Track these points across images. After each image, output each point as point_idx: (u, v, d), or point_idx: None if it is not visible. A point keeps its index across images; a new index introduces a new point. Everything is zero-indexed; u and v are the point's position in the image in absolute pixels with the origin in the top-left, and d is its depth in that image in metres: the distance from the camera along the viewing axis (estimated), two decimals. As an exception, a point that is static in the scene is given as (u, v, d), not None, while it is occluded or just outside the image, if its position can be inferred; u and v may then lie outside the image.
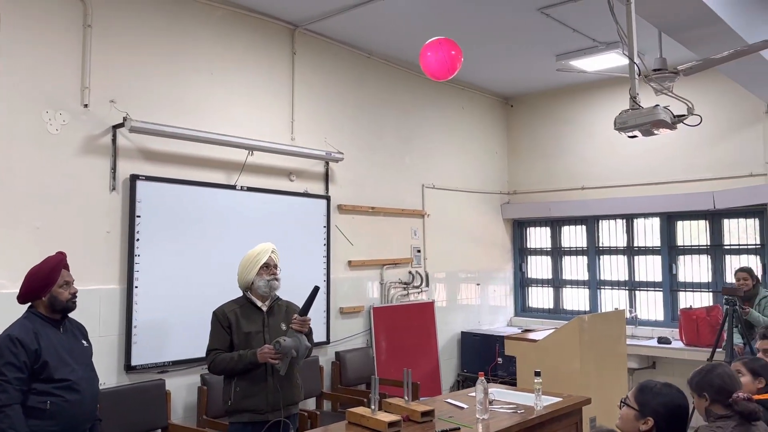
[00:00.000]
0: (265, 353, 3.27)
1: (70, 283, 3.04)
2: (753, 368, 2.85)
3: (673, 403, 2.25)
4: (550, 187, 7.48)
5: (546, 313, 7.64)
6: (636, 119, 3.16)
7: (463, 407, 3.59)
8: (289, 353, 3.25)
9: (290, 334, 3.30)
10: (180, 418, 4.39)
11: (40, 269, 2.99)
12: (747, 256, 6.31)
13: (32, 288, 2.96)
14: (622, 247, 7.10)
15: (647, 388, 2.31)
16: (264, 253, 3.47)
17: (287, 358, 3.26)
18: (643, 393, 2.30)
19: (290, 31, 5.42)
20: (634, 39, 3.35)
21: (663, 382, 2.34)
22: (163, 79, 4.51)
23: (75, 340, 3.07)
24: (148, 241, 4.28)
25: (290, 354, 3.25)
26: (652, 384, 2.32)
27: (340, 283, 5.66)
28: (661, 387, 2.30)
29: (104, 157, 4.18)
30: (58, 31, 4.01)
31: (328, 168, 5.64)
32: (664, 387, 2.31)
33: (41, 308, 2.97)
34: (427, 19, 5.29)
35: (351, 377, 5.51)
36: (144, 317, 4.22)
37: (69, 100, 4.03)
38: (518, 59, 6.37)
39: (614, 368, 5.10)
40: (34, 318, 2.94)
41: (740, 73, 5.09)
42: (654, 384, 2.32)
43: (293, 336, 3.29)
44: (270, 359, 3.26)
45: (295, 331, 3.31)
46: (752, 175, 6.08)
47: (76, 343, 3.05)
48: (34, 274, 2.98)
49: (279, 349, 3.22)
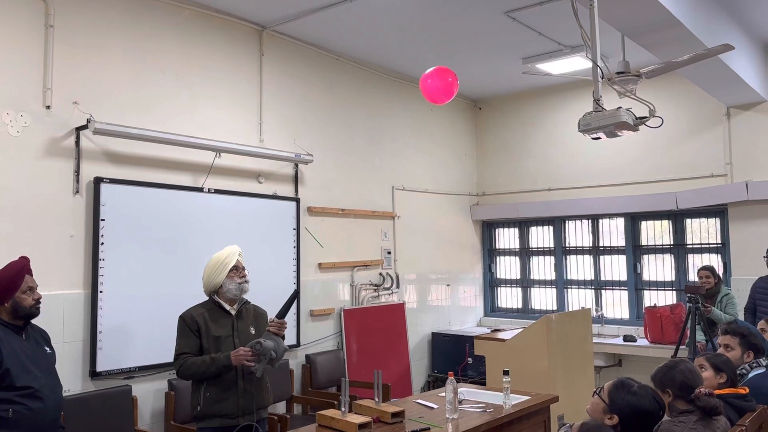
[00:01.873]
0: (240, 355, 3.22)
1: (33, 288, 2.98)
2: (715, 363, 2.92)
3: (640, 408, 2.24)
4: (518, 188, 7.57)
5: (515, 312, 7.72)
6: (599, 121, 3.22)
7: (433, 407, 3.61)
8: (269, 354, 3.21)
9: (267, 336, 3.28)
10: (147, 425, 4.32)
11: (2, 274, 2.92)
12: (709, 254, 6.47)
13: None
14: (588, 247, 7.21)
15: (623, 386, 2.30)
16: (232, 255, 3.44)
17: (265, 360, 3.22)
18: (617, 389, 2.30)
19: (258, 33, 5.39)
20: (597, 42, 3.41)
21: (642, 385, 2.32)
22: (127, 81, 4.44)
23: (38, 346, 3.01)
24: (113, 245, 4.20)
25: (269, 355, 3.21)
26: (630, 383, 2.31)
27: (310, 285, 5.64)
28: (637, 389, 2.29)
29: (67, 160, 4.09)
30: (19, 30, 3.92)
31: (297, 170, 5.62)
32: (640, 389, 2.29)
33: (3, 314, 2.90)
34: (396, 21, 5.31)
35: (322, 380, 5.49)
36: (109, 322, 4.15)
37: (30, 101, 3.95)
38: (486, 62, 6.44)
39: (581, 366, 5.18)
40: None
41: (700, 76, 5.23)
42: (631, 384, 2.31)
43: (270, 338, 3.27)
44: (245, 362, 3.22)
45: (272, 333, 3.29)
46: (713, 176, 6.24)
47: (38, 350, 2.99)
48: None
49: (259, 350, 3.18)
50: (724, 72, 4.98)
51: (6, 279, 2.91)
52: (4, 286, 2.89)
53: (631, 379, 2.35)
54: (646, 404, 2.25)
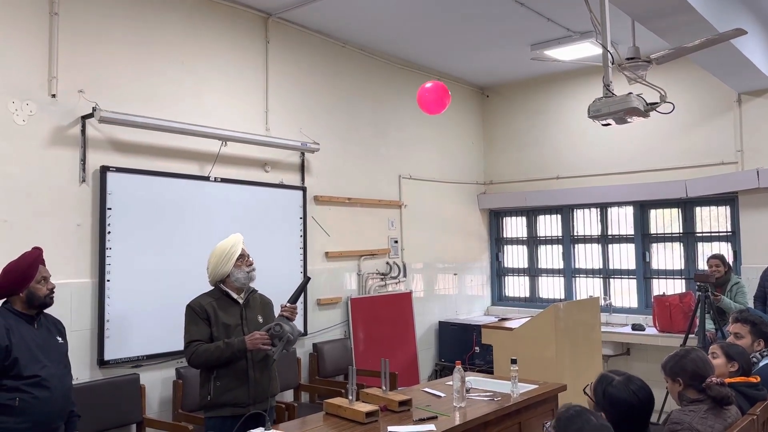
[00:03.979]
0: (256, 339, 3.23)
1: (47, 278, 3.02)
2: (728, 353, 2.90)
3: (619, 400, 2.11)
4: (526, 176, 7.52)
5: (522, 301, 7.70)
6: (609, 107, 3.18)
7: (441, 396, 3.60)
8: (286, 336, 3.24)
9: (280, 320, 3.30)
10: (155, 413, 4.34)
11: (18, 265, 2.96)
12: (719, 243, 6.41)
13: (10, 284, 2.92)
14: (597, 235, 7.17)
15: (603, 380, 2.19)
16: (237, 244, 3.42)
17: (282, 343, 3.24)
18: (599, 384, 2.20)
19: (263, 20, 5.35)
20: (607, 27, 3.37)
21: (624, 377, 2.17)
22: (133, 69, 4.42)
23: (49, 335, 3.03)
24: (119, 234, 4.20)
25: (287, 338, 3.24)
26: (610, 377, 2.18)
27: (317, 274, 5.63)
28: (617, 382, 2.15)
29: (73, 149, 4.08)
30: (24, 19, 3.90)
31: (303, 158, 5.59)
32: (620, 383, 2.14)
33: (17, 304, 2.94)
34: (403, 8, 5.26)
35: (329, 369, 5.49)
36: (116, 311, 4.15)
37: (36, 90, 3.93)
38: (493, 49, 6.38)
39: (589, 355, 5.16)
40: (6, 313, 2.91)
41: (712, 62, 5.16)
42: (611, 378, 2.17)
43: (285, 322, 3.29)
44: (261, 346, 3.23)
45: (286, 318, 3.31)
46: (723, 164, 6.17)
47: (50, 340, 3.01)
48: (11, 270, 2.95)
49: (279, 332, 3.22)
50: (735, 57, 4.90)
51: (21, 269, 2.94)
52: (19, 276, 2.92)
53: (615, 372, 2.21)
54: (624, 396, 2.11)
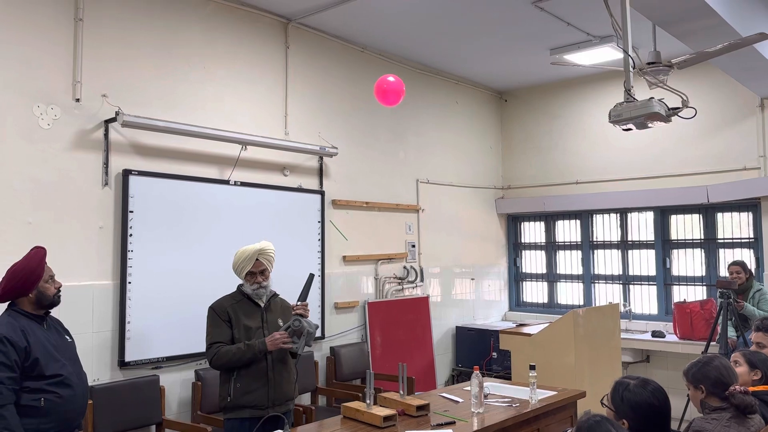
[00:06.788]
0: (276, 339, 3.29)
1: (53, 277, 2.99)
2: (751, 360, 2.86)
3: (644, 404, 2.12)
4: (545, 181, 7.48)
5: (540, 307, 7.65)
6: (631, 112, 3.16)
7: (459, 401, 3.59)
8: (306, 330, 3.31)
9: (296, 317, 3.36)
10: (174, 414, 4.37)
11: (26, 264, 2.90)
12: (740, 249, 6.32)
13: (19, 284, 2.87)
14: (616, 241, 7.10)
15: (620, 386, 2.20)
16: (249, 260, 3.42)
17: (304, 337, 3.31)
18: (616, 391, 2.20)
19: (283, 25, 5.39)
20: (628, 31, 3.35)
21: (639, 380, 2.18)
22: (155, 74, 4.48)
23: (59, 335, 3.02)
24: (141, 237, 4.25)
25: (306, 331, 3.31)
26: (626, 382, 2.19)
27: (334, 278, 5.64)
28: (633, 386, 2.16)
29: (96, 152, 4.14)
30: (49, 24, 3.97)
31: (322, 162, 5.62)
32: (636, 386, 2.16)
33: (25, 305, 2.90)
34: (422, 13, 5.27)
35: (346, 372, 5.50)
36: (137, 313, 4.20)
37: (60, 94, 4.00)
38: (512, 53, 6.36)
39: (609, 362, 5.12)
40: (17, 315, 2.87)
41: (734, 67, 5.10)
42: (627, 383, 2.18)
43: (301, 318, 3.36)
44: (282, 344, 3.28)
45: (300, 315, 3.36)
46: (746, 169, 6.09)
47: (60, 339, 3.01)
48: (19, 270, 2.88)
49: (298, 326, 3.30)
50: (758, 62, 4.84)
51: (30, 268, 2.89)
52: (28, 276, 2.87)
53: (629, 377, 2.22)
54: (644, 398, 2.12)
